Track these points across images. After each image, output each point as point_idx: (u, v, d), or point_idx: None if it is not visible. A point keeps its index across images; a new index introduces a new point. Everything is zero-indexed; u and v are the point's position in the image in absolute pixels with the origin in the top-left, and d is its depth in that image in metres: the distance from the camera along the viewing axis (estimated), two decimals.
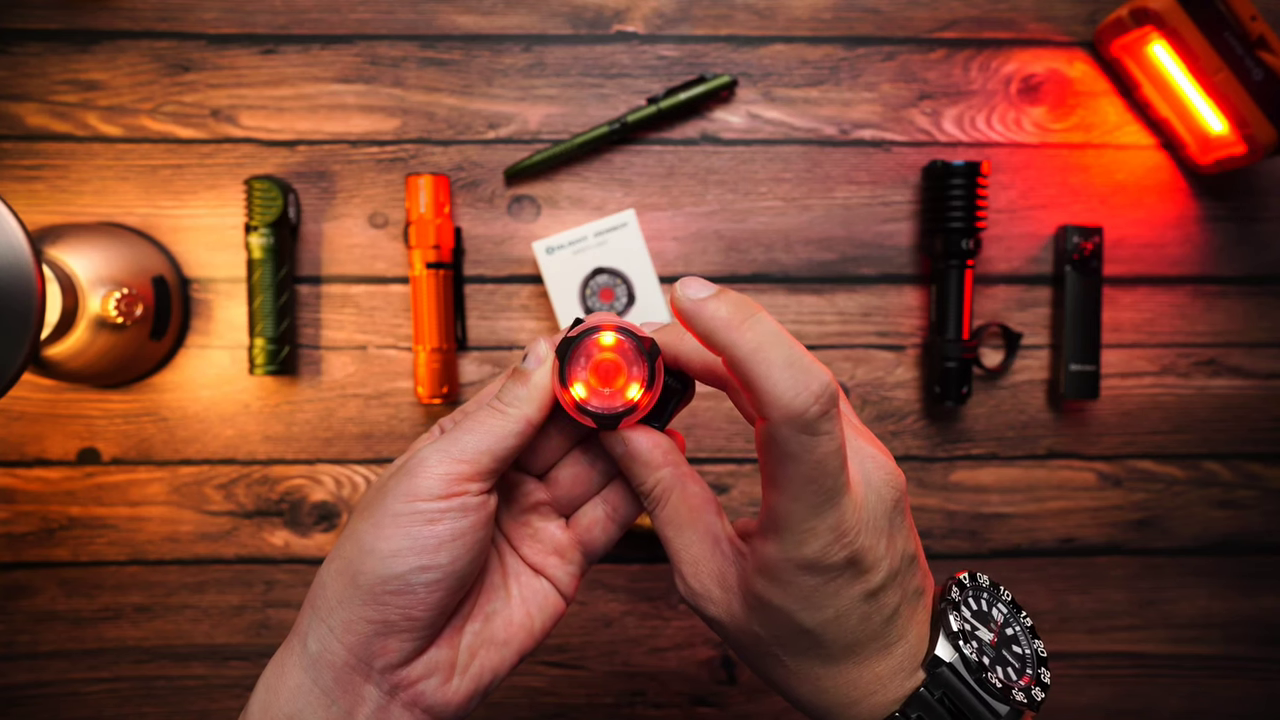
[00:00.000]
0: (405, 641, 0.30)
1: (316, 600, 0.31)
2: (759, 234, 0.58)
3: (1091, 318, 0.58)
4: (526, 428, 0.32)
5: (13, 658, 0.57)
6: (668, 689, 0.58)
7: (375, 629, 0.30)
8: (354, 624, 0.30)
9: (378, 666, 0.30)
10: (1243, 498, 0.60)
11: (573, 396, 0.31)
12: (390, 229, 0.58)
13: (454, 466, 0.31)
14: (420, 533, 0.30)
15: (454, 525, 0.31)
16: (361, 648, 0.30)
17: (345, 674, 0.30)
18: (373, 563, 0.30)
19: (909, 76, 0.59)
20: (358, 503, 0.33)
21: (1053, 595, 0.59)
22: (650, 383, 0.31)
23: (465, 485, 0.31)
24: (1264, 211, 0.60)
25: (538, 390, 0.32)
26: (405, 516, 0.30)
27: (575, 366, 0.31)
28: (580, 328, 0.31)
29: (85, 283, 0.50)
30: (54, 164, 0.57)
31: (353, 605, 0.30)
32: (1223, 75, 0.53)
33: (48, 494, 0.57)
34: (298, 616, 0.32)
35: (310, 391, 0.57)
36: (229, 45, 0.57)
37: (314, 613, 0.31)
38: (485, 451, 0.31)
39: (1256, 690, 0.60)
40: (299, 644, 0.31)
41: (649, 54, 0.58)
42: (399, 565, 0.30)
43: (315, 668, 0.30)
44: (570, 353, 0.31)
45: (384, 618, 0.30)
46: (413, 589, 0.30)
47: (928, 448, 0.59)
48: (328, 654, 0.30)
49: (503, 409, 0.32)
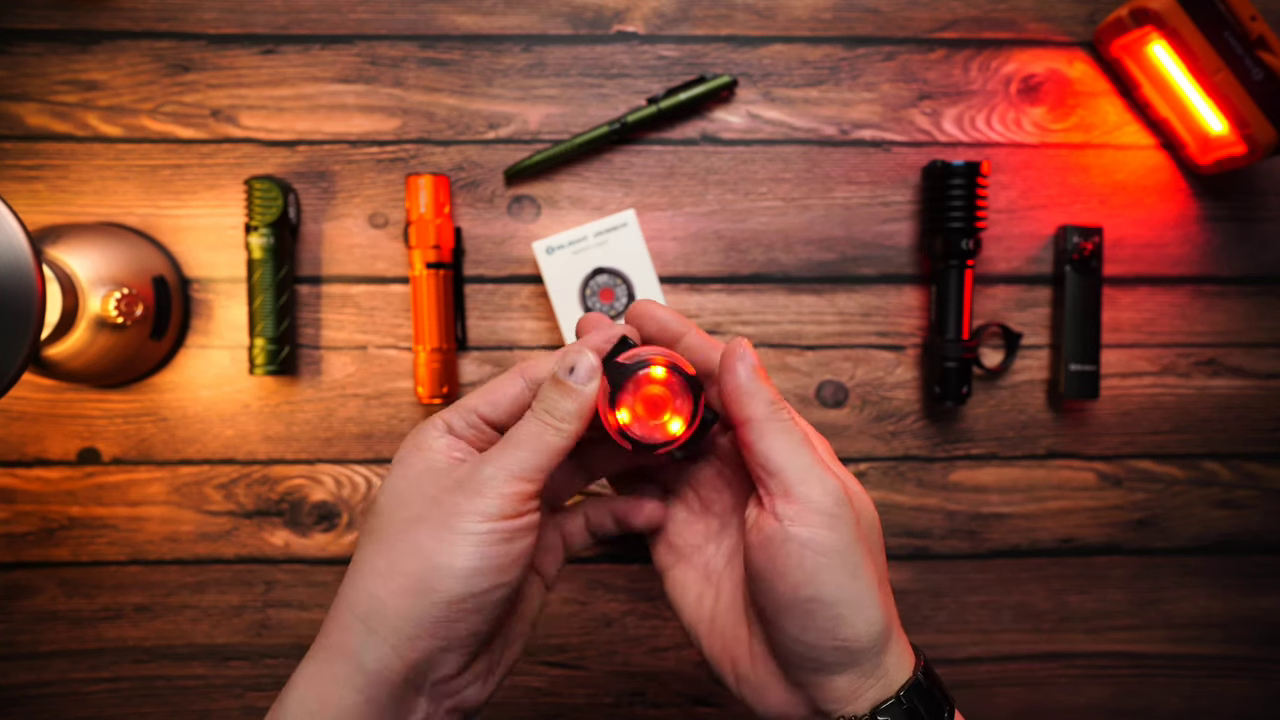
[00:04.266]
0: (464, 655, 0.31)
1: (372, 619, 0.30)
2: (759, 234, 0.58)
3: (1091, 318, 0.58)
4: (574, 443, 0.32)
5: (13, 658, 0.57)
6: (668, 689, 0.58)
7: (441, 645, 0.30)
8: (419, 641, 0.30)
9: (433, 679, 0.31)
10: (1242, 498, 0.60)
11: (618, 420, 0.32)
12: (390, 229, 0.58)
13: (520, 486, 0.31)
14: (497, 552, 0.30)
15: (525, 543, 0.31)
16: (424, 663, 0.30)
17: (401, 689, 0.30)
18: (449, 581, 0.30)
19: (909, 76, 0.59)
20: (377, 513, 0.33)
21: (1052, 595, 0.59)
22: (692, 419, 0.32)
23: (531, 503, 0.31)
24: (1264, 211, 0.60)
25: (587, 407, 0.32)
26: (482, 536, 0.30)
27: (625, 394, 0.32)
28: (632, 355, 0.32)
29: (85, 283, 0.50)
30: (54, 164, 0.57)
31: (422, 623, 0.30)
32: (1222, 75, 0.53)
33: (48, 494, 0.57)
34: (332, 634, 0.31)
35: (310, 391, 0.58)
36: (229, 45, 0.57)
37: (369, 630, 0.30)
38: (543, 468, 0.32)
39: (1256, 690, 0.60)
40: (347, 663, 0.30)
41: (649, 54, 0.58)
42: (479, 583, 0.30)
43: (372, 686, 0.30)
44: (624, 379, 0.32)
45: (452, 634, 0.30)
46: (486, 607, 0.31)
47: (927, 448, 0.59)
48: (387, 672, 0.30)
49: (555, 424, 0.32)
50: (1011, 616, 0.59)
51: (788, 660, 0.31)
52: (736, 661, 0.33)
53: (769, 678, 0.32)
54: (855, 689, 0.30)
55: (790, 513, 0.30)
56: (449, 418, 0.34)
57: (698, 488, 0.36)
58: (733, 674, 0.33)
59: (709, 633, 0.34)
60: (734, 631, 0.33)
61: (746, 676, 0.32)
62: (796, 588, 0.29)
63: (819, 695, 0.30)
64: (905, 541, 0.59)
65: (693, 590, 0.35)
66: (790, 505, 0.30)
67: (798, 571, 0.29)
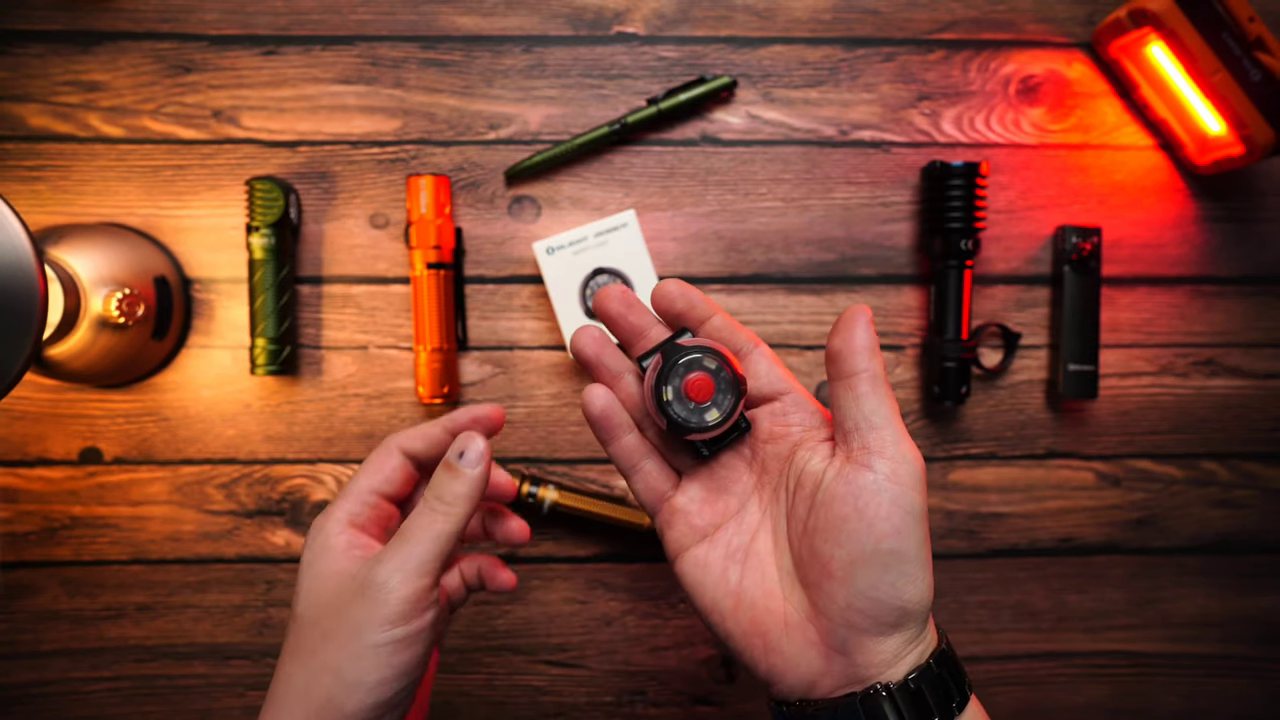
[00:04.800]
0: None
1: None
2: (759, 234, 0.59)
3: (1090, 318, 0.58)
4: (464, 525, 0.35)
5: (15, 657, 0.57)
6: (668, 688, 0.58)
7: None
8: None
9: None
10: (1240, 497, 0.60)
11: (664, 394, 0.33)
12: (391, 229, 0.58)
13: (417, 583, 0.33)
14: (403, 659, 0.33)
15: (429, 636, 0.34)
16: None
17: None
18: (360, 695, 0.32)
19: (908, 77, 0.59)
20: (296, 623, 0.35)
21: (1051, 594, 0.60)
22: (729, 414, 0.33)
23: (429, 595, 0.34)
24: (1262, 212, 0.60)
25: (476, 487, 0.35)
26: (385, 647, 0.33)
27: (675, 375, 0.33)
28: (692, 341, 0.34)
29: (87, 283, 0.50)
30: (56, 165, 0.57)
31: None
32: (1220, 76, 0.53)
33: (50, 493, 0.57)
34: None
35: (311, 391, 0.58)
36: (230, 46, 0.57)
37: None
38: (438, 557, 0.34)
39: (1254, 689, 0.60)
40: None
41: (649, 55, 0.58)
42: (386, 691, 0.33)
43: None
44: (677, 362, 0.33)
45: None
46: (399, 703, 0.33)
47: (927, 447, 0.59)
48: None
49: (445, 508, 0.34)
50: (1010, 616, 0.60)
51: (843, 620, 0.31)
52: (768, 633, 0.33)
53: (805, 646, 0.32)
54: (899, 653, 0.31)
55: (886, 469, 0.31)
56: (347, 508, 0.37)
57: (716, 468, 0.36)
58: (762, 647, 0.33)
59: (735, 607, 0.33)
60: (765, 603, 0.33)
61: (778, 647, 0.32)
62: (882, 538, 0.30)
63: (863, 659, 0.31)
64: None
65: (716, 567, 0.35)
66: (886, 462, 0.31)
67: (886, 523, 0.30)
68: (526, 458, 0.58)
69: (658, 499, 0.36)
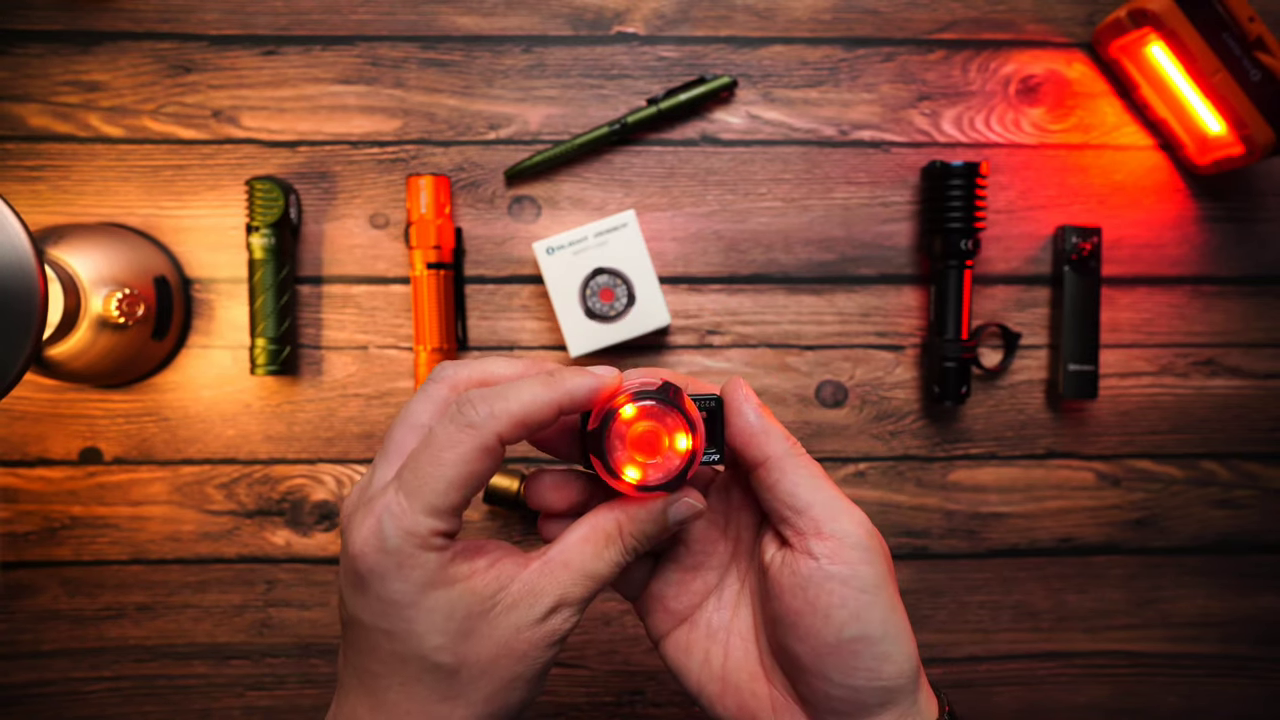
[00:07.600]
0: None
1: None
2: (759, 234, 0.59)
3: (1090, 318, 0.58)
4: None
5: (15, 657, 0.57)
6: (667, 688, 0.58)
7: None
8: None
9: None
10: (1240, 497, 0.60)
11: (628, 482, 0.29)
12: (391, 229, 0.58)
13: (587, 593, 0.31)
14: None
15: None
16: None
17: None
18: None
19: (908, 77, 0.59)
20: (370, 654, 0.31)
21: (1051, 594, 0.60)
22: (691, 425, 0.29)
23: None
24: (1262, 212, 0.60)
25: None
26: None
27: (616, 454, 0.29)
28: (597, 415, 0.29)
29: (87, 283, 0.50)
30: (56, 165, 0.57)
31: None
32: (1220, 76, 0.53)
33: (50, 493, 0.57)
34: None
35: (311, 391, 0.58)
36: (230, 46, 0.57)
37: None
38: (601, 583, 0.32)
39: (1254, 690, 0.60)
40: None
41: (649, 55, 0.58)
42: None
43: None
44: (604, 444, 0.29)
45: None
46: None
47: (926, 447, 0.59)
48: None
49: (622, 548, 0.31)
50: (1010, 616, 0.60)
51: (825, 707, 0.29)
52: (757, 717, 0.31)
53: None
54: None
55: (826, 550, 0.29)
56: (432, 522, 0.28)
57: (690, 543, 0.34)
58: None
59: (722, 692, 0.32)
60: (750, 687, 0.32)
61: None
62: (841, 627, 0.28)
63: None
64: (904, 541, 0.59)
65: (698, 651, 0.33)
66: (824, 542, 0.29)
67: (841, 611, 0.28)
68: (526, 458, 0.58)
69: (634, 586, 0.35)
